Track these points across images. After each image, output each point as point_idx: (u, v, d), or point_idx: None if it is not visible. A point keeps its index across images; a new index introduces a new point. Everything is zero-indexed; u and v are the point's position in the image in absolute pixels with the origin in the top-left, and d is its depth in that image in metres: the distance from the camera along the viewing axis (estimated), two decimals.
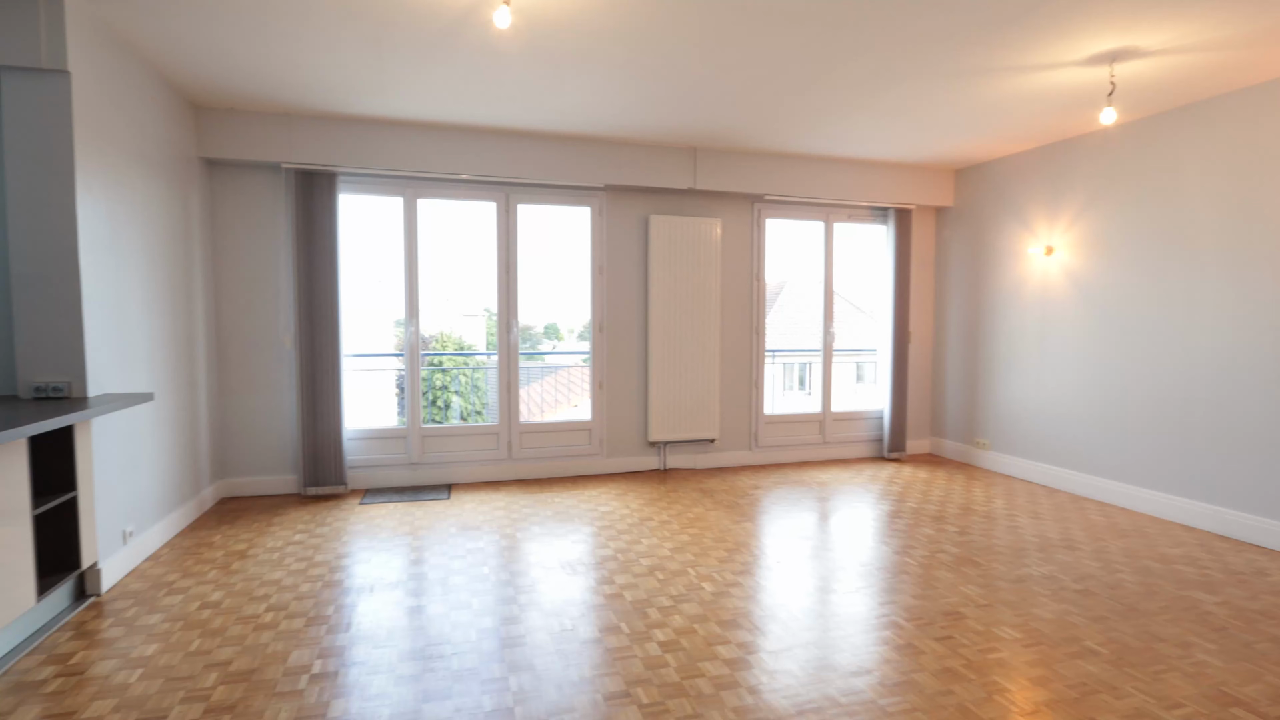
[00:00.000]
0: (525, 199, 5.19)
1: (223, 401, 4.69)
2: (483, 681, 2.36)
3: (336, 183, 4.65)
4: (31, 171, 2.90)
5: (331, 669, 2.44)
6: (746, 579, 3.30)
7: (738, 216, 5.71)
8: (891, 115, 4.45)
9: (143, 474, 3.57)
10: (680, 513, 4.39)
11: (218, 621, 2.81)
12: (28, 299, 2.92)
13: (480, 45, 3.37)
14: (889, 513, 4.44)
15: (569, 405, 9.62)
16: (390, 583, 3.22)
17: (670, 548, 3.73)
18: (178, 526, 3.97)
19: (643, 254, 5.47)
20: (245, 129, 4.42)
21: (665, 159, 5.24)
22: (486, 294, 5.58)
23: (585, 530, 4.03)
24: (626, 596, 3.09)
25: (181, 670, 2.42)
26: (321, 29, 3.19)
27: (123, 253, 3.38)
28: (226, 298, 4.66)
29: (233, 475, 4.74)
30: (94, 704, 2.22)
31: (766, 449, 5.90)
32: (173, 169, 4.01)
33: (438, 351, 6.99)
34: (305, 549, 3.67)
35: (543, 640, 2.67)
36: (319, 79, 3.83)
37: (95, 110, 3.12)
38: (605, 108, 4.32)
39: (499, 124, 4.70)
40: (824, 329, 6.11)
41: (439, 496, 4.73)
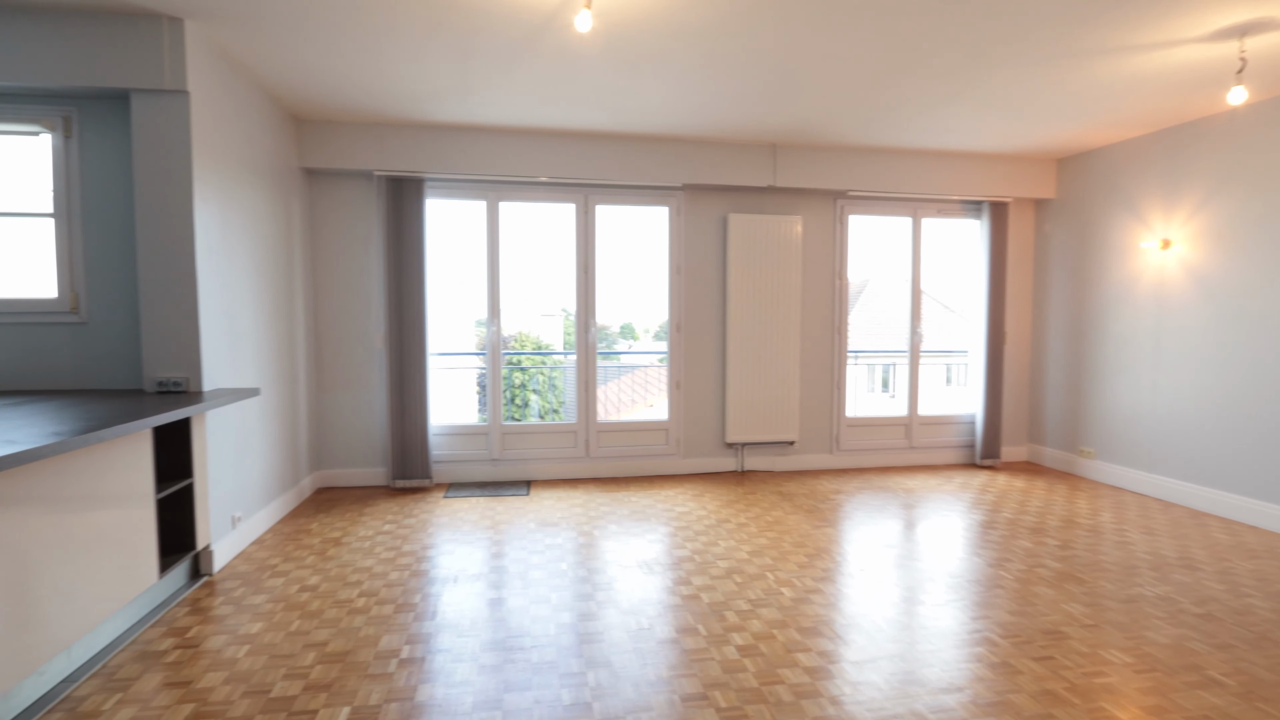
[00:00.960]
0: (604, 200, 5.24)
1: (319, 397, 4.97)
2: (561, 675, 2.39)
3: (424, 188, 4.84)
4: (157, 183, 3.16)
5: (418, 655, 2.53)
6: (828, 586, 3.20)
7: (819, 213, 5.56)
8: (986, 104, 4.22)
9: (250, 463, 3.83)
10: (758, 515, 4.31)
11: (315, 604, 2.97)
12: (153, 301, 3.19)
13: (560, 49, 3.42)
14: (982, 523, 4.20)
15: (644, 405, 9.66)
16: (472, 574, 3.31)
17: (748, 551, 3.67)
18: (279, 513, 4.23)
19: (721, 253, 5.42)
20: (341, 139, 4.67)
21: (744, 157, 5.16)
22: (564, 294, 5.69)
23: (662, 530, 4.02)
24: (704, 598, 3.05)
25: (283, 649, 2.57)
26: (410, 41, 3.32)
27: (233, 258, 3.64)
28: (323, 299, 4.94)
29: (328, 467, 5.01)
30: (207, 675, 2.39)
31: (848, 453, 5.72)
32: (277, 179, 4.28)
33: (517, 351, 7.16)
34: (394, 539, 3.83)
35: (620, 638, 2.67)
36: (407, 89, 4.00)
37: (210, 126, 3.37)
38: (684, 107, 4.30)
39: (578, 126, 4.76)
40: (911, 329, 5.86)
41: (519, 492, 4.84)
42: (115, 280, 3.35)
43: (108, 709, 2.18)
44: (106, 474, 2.49)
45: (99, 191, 3.32)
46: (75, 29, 3.03)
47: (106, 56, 3.05)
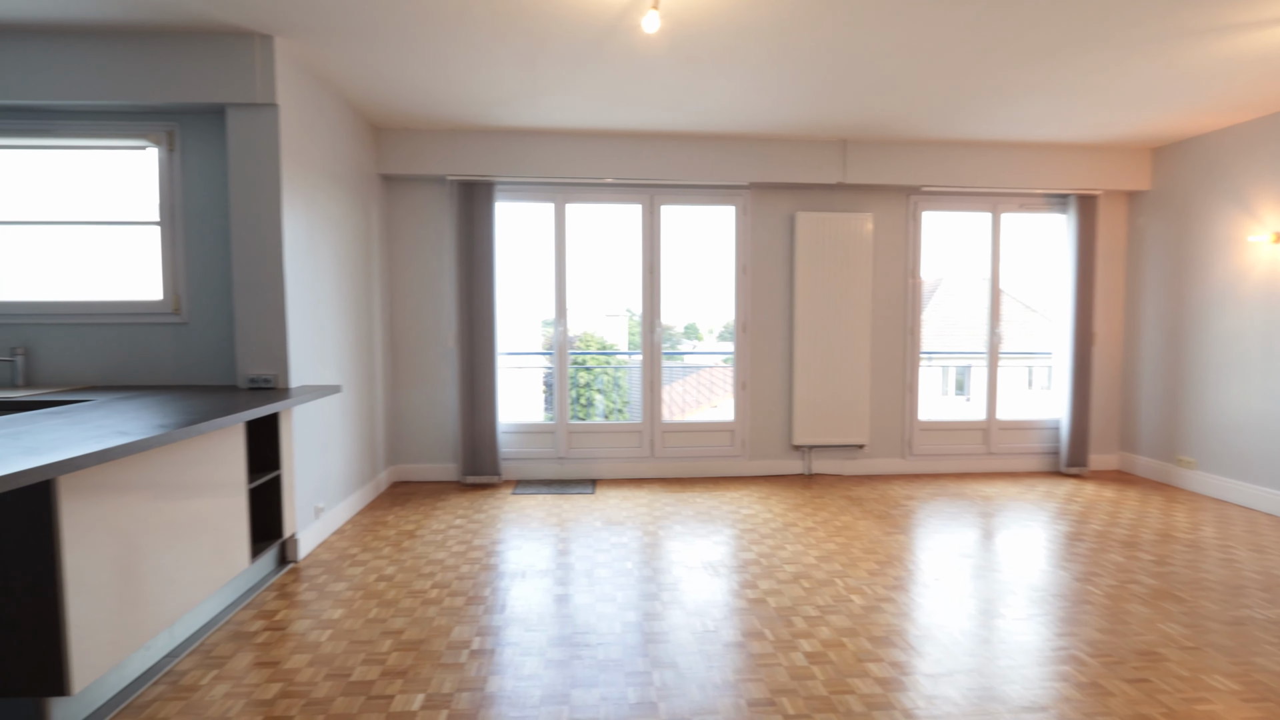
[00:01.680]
0: (669, 200, 5.24)
1: (395, 395, 5.17)
2: (627, 674, 2.40)
3: (494, 191, 4.96)
4: (249, 192, 3.35)
5: (488, 646, 2.59)
6: (900, 595, 3.10)
7: (891, 210, 5.39)
8: (1073, 91, 3.99)
9: (331, 457, 4.02)
10: (826, 520, 4.22)
11: (391, 594, 3.08)
12: (246, 302, 3.39)
13: (626, 52, 3.44)
14: (1068, 534, 3.98)
15: (709, 405, 9.60)
16: (540, 570, 3.37)
17: (816, 556, 3.59)
18: (358, 505, 4.42)
19: (788, 252, 5.33)
20: (416, 146, 4.84)
21: (812, 153, 5.06)
22: (628, 295, 5.71)
23: (727, 532, 3.98)
24: (770, 602, 3.01)
25: (362, 635, 2.69)
26: (482, 50, 3.41)
27: (317, 261, 3.82)
28: (398, 300, 5.13)
29: (403, 462, 5.20)
30: (293, 657, 2.51)
31: (921, 457, 5.52)
32: (357, 185, 4.47)
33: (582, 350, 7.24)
34: (465, 533, 3.94)
35: (685, 639, 2.66)
36: (478, 96, 4.10)
37: (296, 136, 3.55)
38: (750, 104, 4.25)
39: (643, 127, 4.78)
40: (989, 329, 5.61)
41: (584, 491, 4.89)
42: (212, 283, 3.57)
43: (205, 684, 2.33)
44: (205, 464, 2.66)
45: (198, 200, 3.55)
46: (178, 50, 3.25)
47: (205, 74, 3.27)
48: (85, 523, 2.03)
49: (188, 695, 2.27)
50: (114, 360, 3.58)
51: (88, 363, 3.57)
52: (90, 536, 2.06)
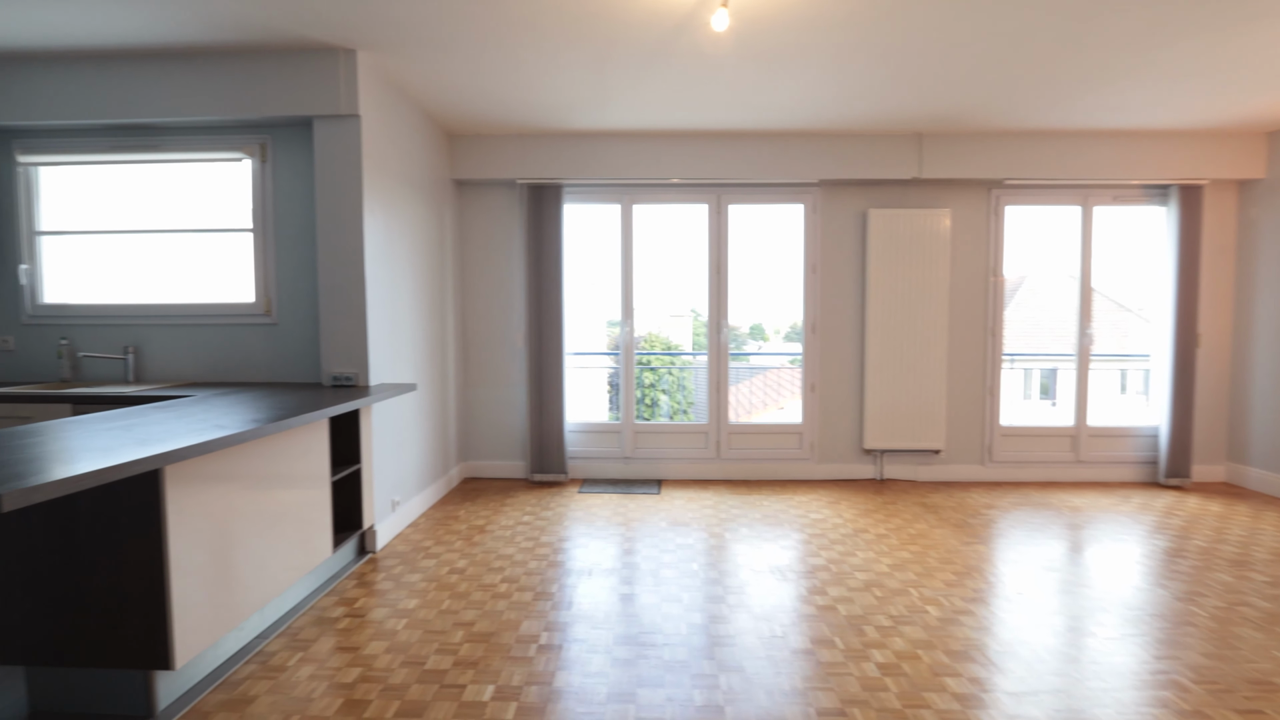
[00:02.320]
0: (736, 199, 5.19)
1: (466, 393, 5.32)
2: (693, 676, 2.38)
3: (562, 194, 5.04)
4: (333, 199, 3.52)
5: (556, 642, 2.63)
6: (979, 607, 2.96)
7: (970, 205, 5.16)
8: (1175, 74, 3.71)
9: (407, 453, 4.17)
10: (900, 527, 4.07)
11: (463, 586, 3.17)
12: (330, 304, 3.56)
13: (693, 51, 3.42)
14: (1167, 550, 3.70)
15: (775, 407, 9.45)
16: (606, 569, 3.39)
17: (888, 564, 3.47)
18: (431, 500, 4.57)
19: (860, 250, 5.18)
20: (487, 151, 4.97)
21: (886, 148, 4.90)
22: (693, 295, 5.69)
23: (795, 536, 3.90)
24: (840, 610, 2.93)
25: (435, 625, 2.77)
26: (551, 55, 3.46)
27: (395, 265, 3.98)
28: (470, 301, 5.28)
29: (473, 459, 5.35)
30: (372, 643, 2.62)
31: (1002, 465, 5.26)
32: (432, 190, 4.63)
33: (647, 351, 7.26)
34: (533, 529, 4.01)
35: (752, 644, 2.62)
36: (547, 100, 4.17)
37: (377, 144, 3.71)
38: (821, 100, 4.15)
39: (710, 127, 4.75)
40: (1079, 330, 5.29)
41: (650, 491, 4.90)
42: (299, 286, 3.77)
43: (291, 665, 2.46)
44: (292, 457, 2.81)
45: (287, 208, 3.76)
46: (270, 67, 3.45)
47: (295, 89, 3.45)
48: (186, 509, 2.18)
49: (276, 675, 2.40)
50: (212, 358, 3.83)
51: (189, 361, 3.84)
52: (191, 522, 2.20)
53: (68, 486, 1.56)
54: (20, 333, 3.87)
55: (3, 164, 3.80)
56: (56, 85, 3.52)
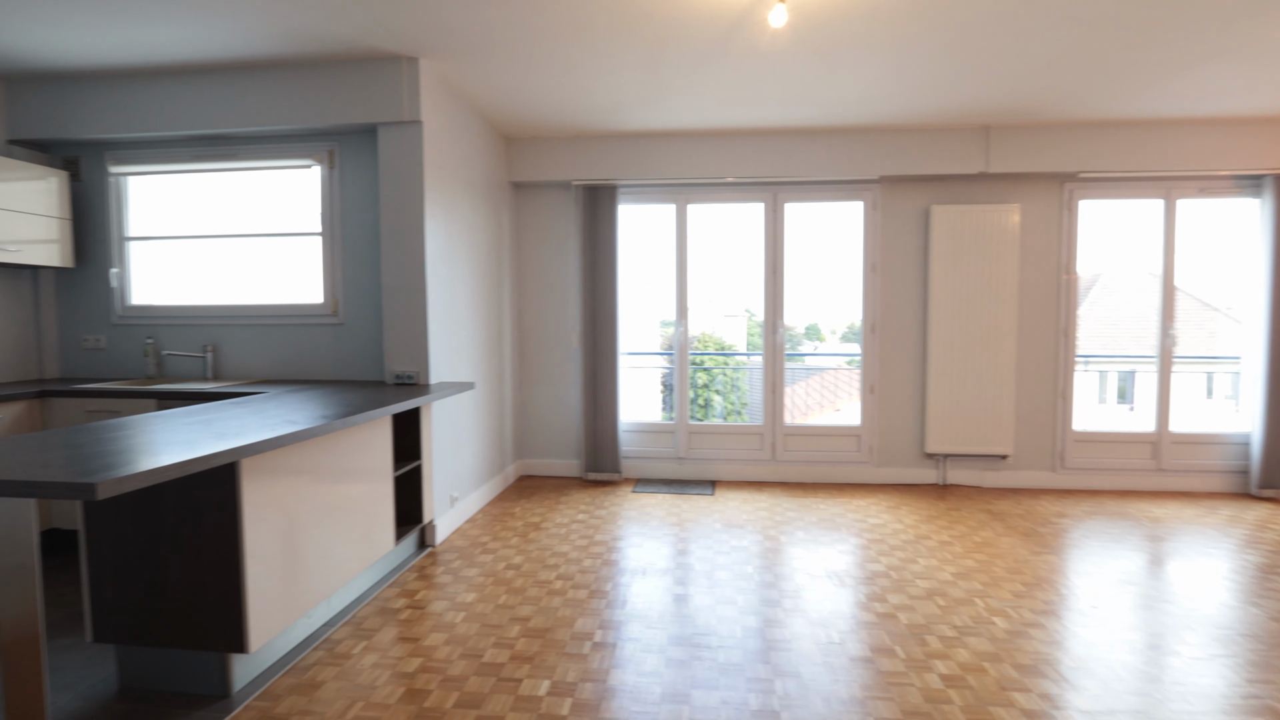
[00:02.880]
0: (793, 197, 5.11)
1: (522, 392, 5.40)
2: (748, 679, 2.36)
3: (616, 194, 5.06)
4: (396, 203, 3.63)
5: (610, 640, 2.64)
6: (1051, 621, 2.82)
7: (1041, 200, 4.94)
8: (1272, 57, 3.46)
9: (465, 450, 4.26)
10: (964, 535, 3.93)
11: (519, 582, 3.22)
12: (393, 305, 3.67)
13: (749, 49, 3.38)
14: (1260, 566, 3.45)
15: (831, 409, 9.27)
16: (660, 569, 3.39)
17: (952, 572, 3.35)
18: (488, 497, 4.66)
19: (922, 248, 5.02)
20: (543, 154, 5.04)
21: (950, 142, 4.74)
22: (747, 295, 5.63)
23: (853, 541, 3.81)
24: (901, 618, 2.84)
25: (492, 619, 2.82)
26: (606, 57, 3.48)
27: (454, 266, 4.07)
28: (526, 302, 5.36)
29: (528, 456, 5.43)
30: (432, 634, 2.69)
31: (1075, 471, 5.01)
32: (489, 193, 4.72)
33: (701, 351, 7.23)
34: (587, 528, 4.04)
35: (808, 649, 2.57)
36: (602, 102, 4.20)
37: (437, 149, 3.80)
38: (881, 94, 4.05)
39: (766, 124, 4.69)
40: (1161, 330, 4.99)
41: (704, 492, 4.87)
42: (364, 287, 3.91)
43: (356, 653, 2.55)
44: (357, 452, 2.91)
45: (353, 212, 3.90)
46: (337, 77, 3.58)
47: (360, 97, 3.57)
48: (260, 501, 2.28)
49: (341, 662, 2.48)
50: (283, 357, 4.00)
51: (262, 359, 4.02)
52: (264, 513, 2.30)
53: (155, 477, 1.65)
54: (111, 332, 4.13)
55: (97, 174, 4.07)
56: (144, 100, 3.74)
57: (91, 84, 3.79)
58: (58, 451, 1.82)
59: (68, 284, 4.13)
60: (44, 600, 2.84)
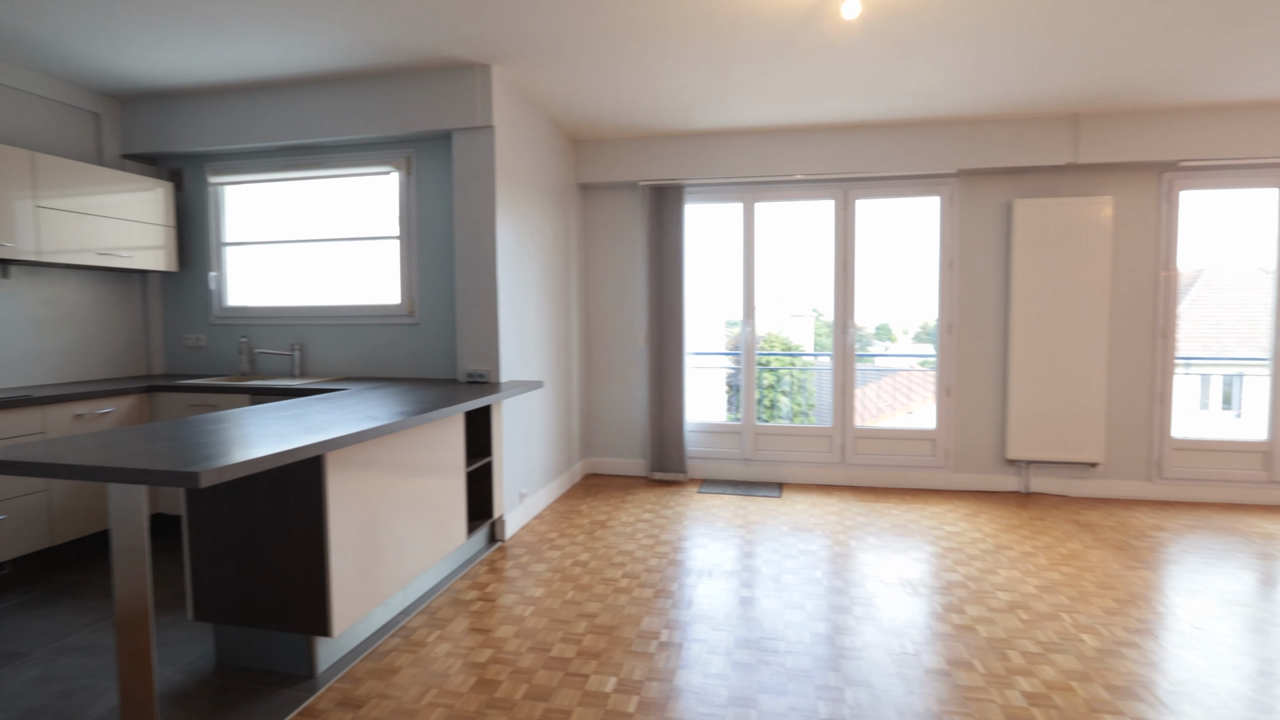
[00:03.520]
0: (865, 194, 4.97)
1: (588, 391, 5.47)
2: (817, 686, 2.31)
3: (683, 194, 5.05)
4: (469, 207, 3.74)
5: (676, 640, 2.63)
6: (1147, 640, 2.64)
7: (1137, 191, 4.63)
8: None
9: (534, 447, 4.34)
10: (1049, 546, 3.73)
11: (585, 579, 3.26)
12: (465, 305, 3.78)
13: (819, 43, 3.31)
14: None
15: (903, 411, 8.96)
16: (726, 570, 3.36)
17: (1036, 585, 3.19)
18: (555, 494, 4.73)
19: (1003, 244, 4.79)
20: (610, 155, 5.08)
21: (1035, 132, 4.51)
22: (815, 294, 5.49)
23: (927, 549, 3.68)
24: (980, 631, 2.72)
25: (560, 615, 2.87)
26: (674, 56, 3.48)
27: (523, 267, 4.16)
28: (593, 301, 5.42)
29: (595, 455, 5.49)
30: (501, 627, 2.75)
31: (1174, 482, 4.67)
32: (558, 194, 4.80)
33: (768, 351, 7.13)
34: (653, 527, 4.05)
35: (880, 659, 2.50)
36: (670, 102, 4.20)
37: (508, 153, 3.89)
38: (961, 84, 3.88)
39: (836, 119, 4.58)
40: (1274, 330, 4.60)
41: (770, 494, 4.80)
42: (438, 288, 4.04)
43: (430, 641, 2.63)
44: (432, 448, 3.01)
45: (428, 216, 4.04)
46: (414, 87, 3.71)
47: (436, 105, 3.70)
48: (343, 492, 2.39)
49: (417, 650, 2.57)
50: (363, 355, 4.18)
51: (344, 357, 4.22)
52: (346, 504, 2.41)
53: (251, 467, 1.76)
54: (210, 332, 4.42)
55: (198, 185, 4.36)
56: (239, 114, 3.99)
57: (193, 101, 4.07)
58: (164, 442, 1.96)
59: (172, 287, 4.45)
60: (152, 580, 3.07)
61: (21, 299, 3.69)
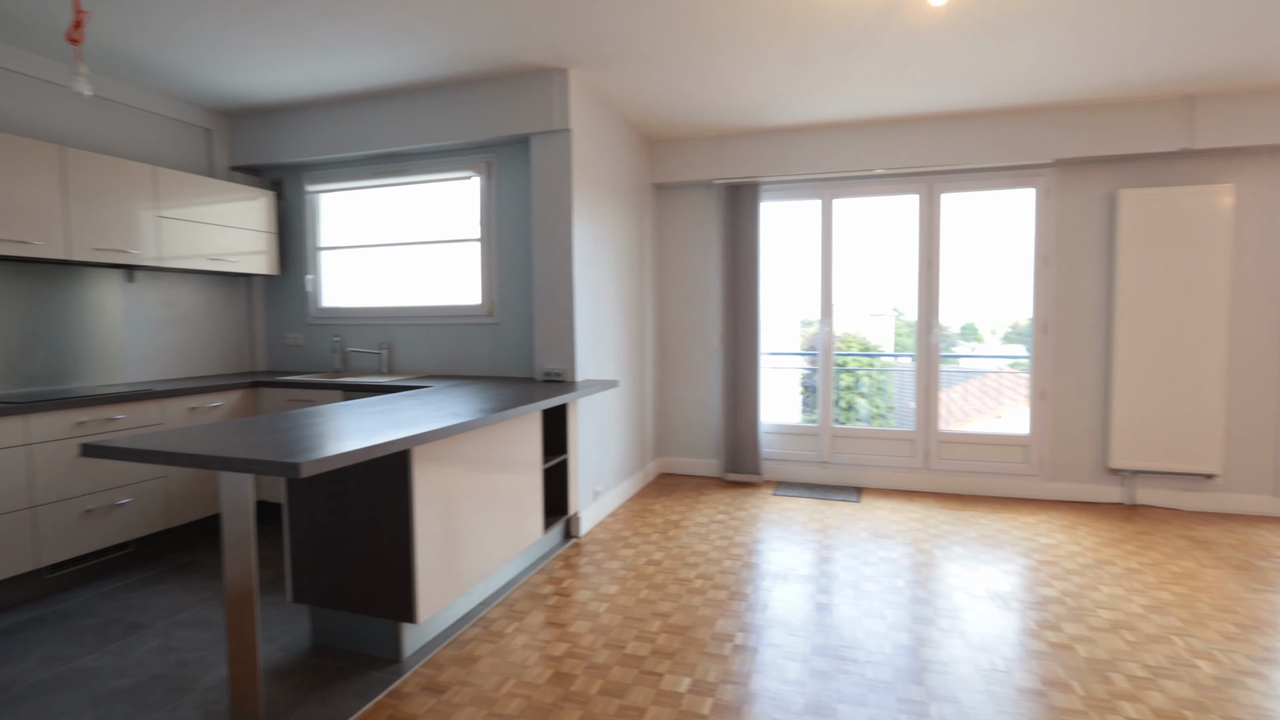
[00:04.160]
0: (951, 187, 4.75)
1: (662, 391, 5.47)
2: (899, 700, 2.22)
3: (759, 192, 4.98)
4: (546, 209, 3.81)
5: (751, 644, 2.60)
6: (1274, 671, 2.41)
7: (1263, 178, 4.22)
8: None
9: (608, 446, 4.39)
10: (1157, 563, 3.46)
11: (659, 578, 3.26)
12: (543, 305, 3.86)
13: (904, 31, 3.18)
14: None
15: (991, 416, 8.52)
16: (802, 575, 3.29)
17: (1143, 604, 2.96)
18: (629, 493, 4.76)
19: (1106, 237, 4.48)
20: (685, 154, 5.07)
21: (1143, 116, 4.19)
22: (894, 293, 5.29)
23: (1019, 561, 3.48)
24: (1079, 650, 2.55)
25: (634, 613, 2.88)
26: (752, 53, 3.43)
27: (599, 267, 4.20)
28: (667, 301, 5.42)
29: (668, 455, 5.49)
30: (576, 622, 2.79)
31: None
32: (632, 195, 4.82)
33: (845, 352, 6.94)
34: (726, 529, 4.01)
35: (967, 674, 2.38)
36: (746, 99, 4.14)
37: (585, 154, 3.94)
38: (1057, 69, 3.65)
39: (920, 110, 4.40)
40: None
41: (848, 498, 4.67)
42: (516, 289, 4.14)
43: (508, 633, 2.70)
44: (510, 445, 3.08)
45: (507, 218, 4.14)
46: (494, 93, 3.82)
47: (515, 110, 3.79)
48: (428, 485, 2.49)
49: (495, 640, 2.65)
50: (445, 354, 4.34)
51: (427, 356, 4.39)
52: (430, 497, 2.51)
53: (347, 459, 1.85)
54: (306, 331, 4.69)
55: (296, 193, 4.64)
56: (334, 125, 4.22)
57: (293, 115, 4.33)
58: (267, 435, 2.10)
59: (273, 289, 4.75)
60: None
61: (144, 301, 4.03)
